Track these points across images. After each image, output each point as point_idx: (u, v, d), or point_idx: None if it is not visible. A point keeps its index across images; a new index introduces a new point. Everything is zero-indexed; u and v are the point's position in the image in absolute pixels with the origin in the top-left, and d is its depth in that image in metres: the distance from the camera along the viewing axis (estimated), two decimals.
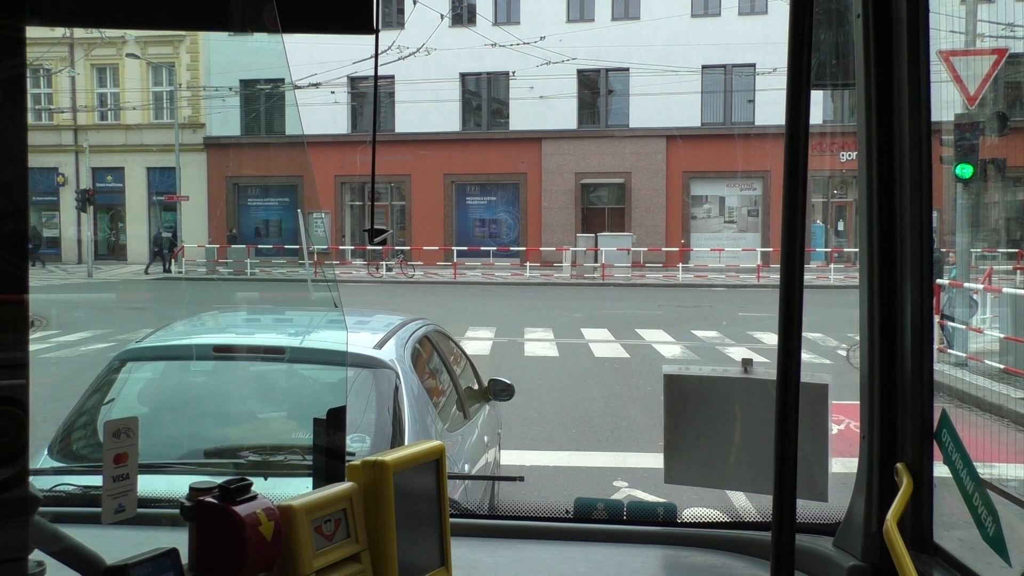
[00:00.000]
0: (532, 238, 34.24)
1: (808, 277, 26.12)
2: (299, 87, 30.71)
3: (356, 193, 36.66)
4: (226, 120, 35.58)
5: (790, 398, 1.42)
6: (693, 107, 33.45)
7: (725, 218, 34.35)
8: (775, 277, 1.49)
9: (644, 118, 33.51)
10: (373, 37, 1.61)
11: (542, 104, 33.71)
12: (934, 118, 1.75)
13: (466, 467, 4.60)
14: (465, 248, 33.15)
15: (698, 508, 2.25)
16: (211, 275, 30.95)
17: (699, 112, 33.63)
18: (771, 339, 14.87)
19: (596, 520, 2.20)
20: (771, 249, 31.18)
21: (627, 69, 33.10)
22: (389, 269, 31.51)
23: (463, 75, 35.17)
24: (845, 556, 1.86)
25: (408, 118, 34.31)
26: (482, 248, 33.10)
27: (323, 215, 35.67)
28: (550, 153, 34.41)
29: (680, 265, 30.40)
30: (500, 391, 5.61)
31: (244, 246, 31.84)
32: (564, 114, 34.23)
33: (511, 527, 2.19)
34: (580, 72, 33.84)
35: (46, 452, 3.71)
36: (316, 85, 27.88)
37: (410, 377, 4.22)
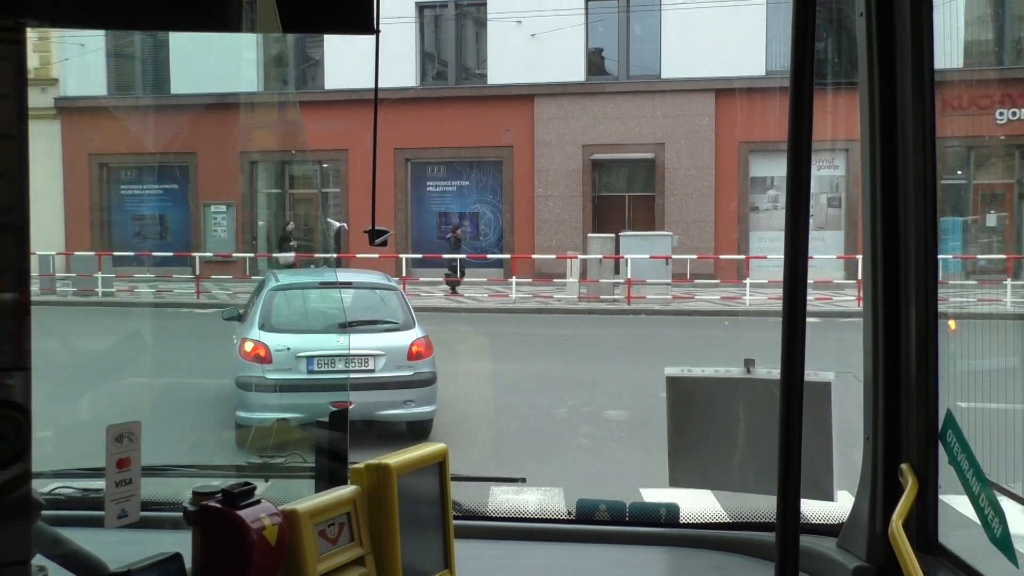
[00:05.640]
0: (521, 240, 25.01)
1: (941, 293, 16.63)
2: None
3: (275, 177, 26.73)
4: (88, 75, 25.79)
5: (794, 397, 1.45)
6: (754, 48, 23.59)
7: None
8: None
9: (683, 65, 23.86)
10: (373, 38, 1.64)
11: (535, 46, 24.25)
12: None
13: (417, 322, 8.93)
14: (420, 256, 23.59)
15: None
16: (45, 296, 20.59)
17: (763, 55, 23.72)
18: None
19: (599, 521, 2.27)
20: (860, 256, 21.08)
21: None
22: None
23: (420, 6, 25.42)
24: (850, 557, 1.90)
25: (343, 69, 24.41)
26: (447, 255, 23.33)
27: (224, 208, 25.60)
28: (547, 117, 25.05)
29: (748, 281, 20.11)
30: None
31: (93, 254, 21.97)
32: (567, 61, 24.75)
33: (514, 529, 2.27)
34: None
35: (257, 326, 8.30)
36: None
37: (404, 294, 9.63)
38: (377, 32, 1.62)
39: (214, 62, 23.36)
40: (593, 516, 2.26)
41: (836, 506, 1.96)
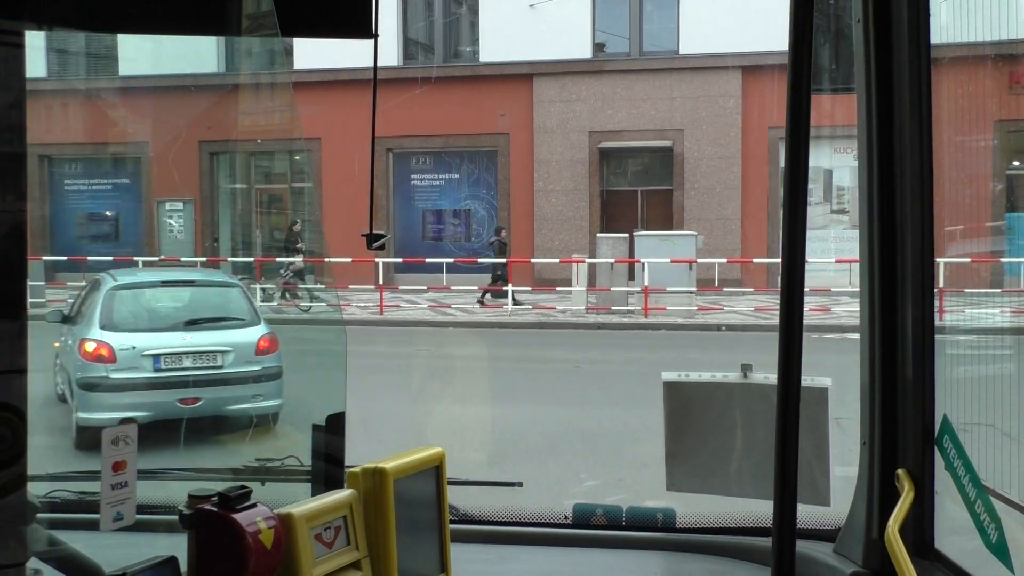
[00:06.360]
0: (520, 242, 23.05)
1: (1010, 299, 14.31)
2: None
3: (239, 171, 24.40)
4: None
5: (791, 402, 1.48)
6: (786, 19, 20.75)
7: (833, 205, 22.58)
8: (949, 313, 1.85)
9: (704, 40, 22.11)
10: (372, 41, 1.73)
11: (534, 18, 22.57)
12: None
13: (262, 318, 9.09)
14: (400, 260, 21.47)
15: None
16: None
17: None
18: None
19: (595, 526, 2.32)
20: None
21: None
22: (269, 298, 19.54)
23: None
24: (846, 562, 1.94)
25: (315, 47, 22.04)
26: (431, 260, 21.49)
27: (181, 205, 23.03)
28: (548, 100, 23.40)
29: None
30: None
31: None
32: (570, 35, 23.03)
33: (511, 533, 2.31)
34: None
35: (98, 325, 8.16)
36: None
37: (247, 290, 9.89)
38: (376, 36, 1.67)
39: (169, 39, 20.75)
40: (590, 520, 2.31)
41: (832, 511, 1.99)
